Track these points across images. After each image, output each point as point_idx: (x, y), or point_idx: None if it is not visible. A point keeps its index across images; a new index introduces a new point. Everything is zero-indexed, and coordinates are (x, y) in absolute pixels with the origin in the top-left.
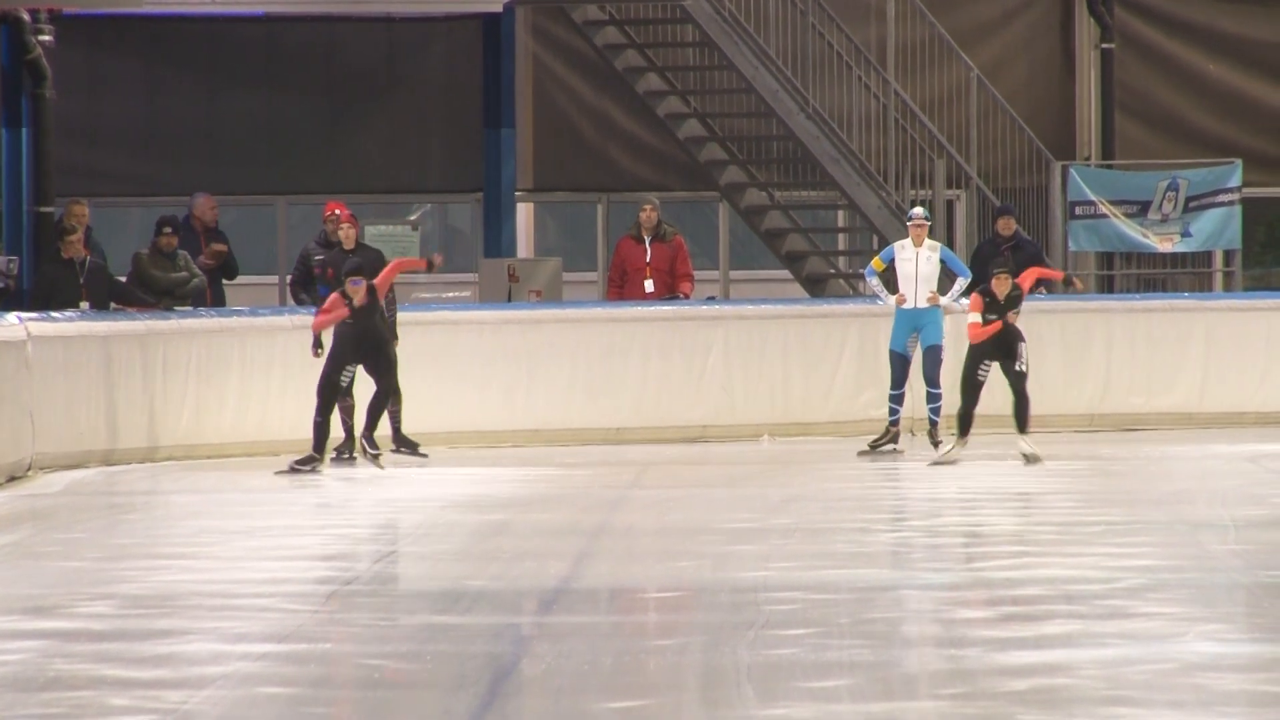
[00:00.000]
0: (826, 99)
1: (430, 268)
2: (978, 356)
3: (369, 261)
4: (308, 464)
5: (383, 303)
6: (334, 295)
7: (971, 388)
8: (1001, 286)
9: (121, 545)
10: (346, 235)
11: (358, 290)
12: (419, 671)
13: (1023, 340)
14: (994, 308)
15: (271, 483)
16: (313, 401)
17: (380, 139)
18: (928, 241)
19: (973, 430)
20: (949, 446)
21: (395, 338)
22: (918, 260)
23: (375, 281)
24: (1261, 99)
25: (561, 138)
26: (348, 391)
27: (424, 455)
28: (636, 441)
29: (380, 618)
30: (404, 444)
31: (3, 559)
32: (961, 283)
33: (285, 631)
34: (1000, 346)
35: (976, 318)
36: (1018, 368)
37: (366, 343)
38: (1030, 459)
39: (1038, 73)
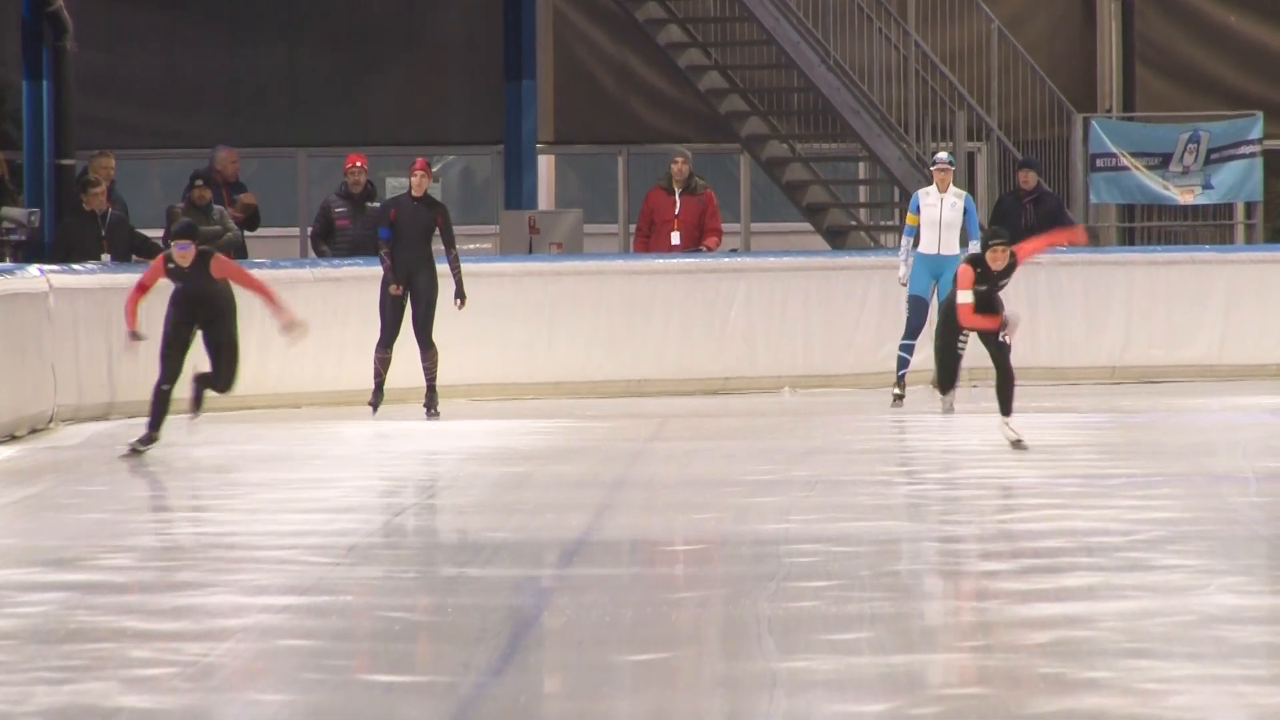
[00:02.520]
0: (847, 50)
1: (288, 328)
2: (957, 328)
3: (432, 214)
4: (147, 442)
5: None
6: (137, 284)
7: (949, 359)
8: (997, 260)
9: (143, 498)
10: (419, 183)
11: (185, 253)
12: (440, 624)
13: (1004, 309)
14: (985, 279)
15: (293, 435)
16: (329, 355)
17: (401, 91)
18: (952, 189)
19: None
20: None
21: (463, 298)
22: (942, 206)
23: (236, 273)
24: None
25: (582, 90)
26: (387, 344)
27: (437, 412)
28: (657, 394)
29: (401, 570)
30: (428, 408)
31: (24, 511)
32: (974, 244)
33: (306, 584)
34: (991, 303)
35: (968, 296)
36: (1001, 338)
37: (194, 306)
38: (1016, 445)
39: (1058, 25)
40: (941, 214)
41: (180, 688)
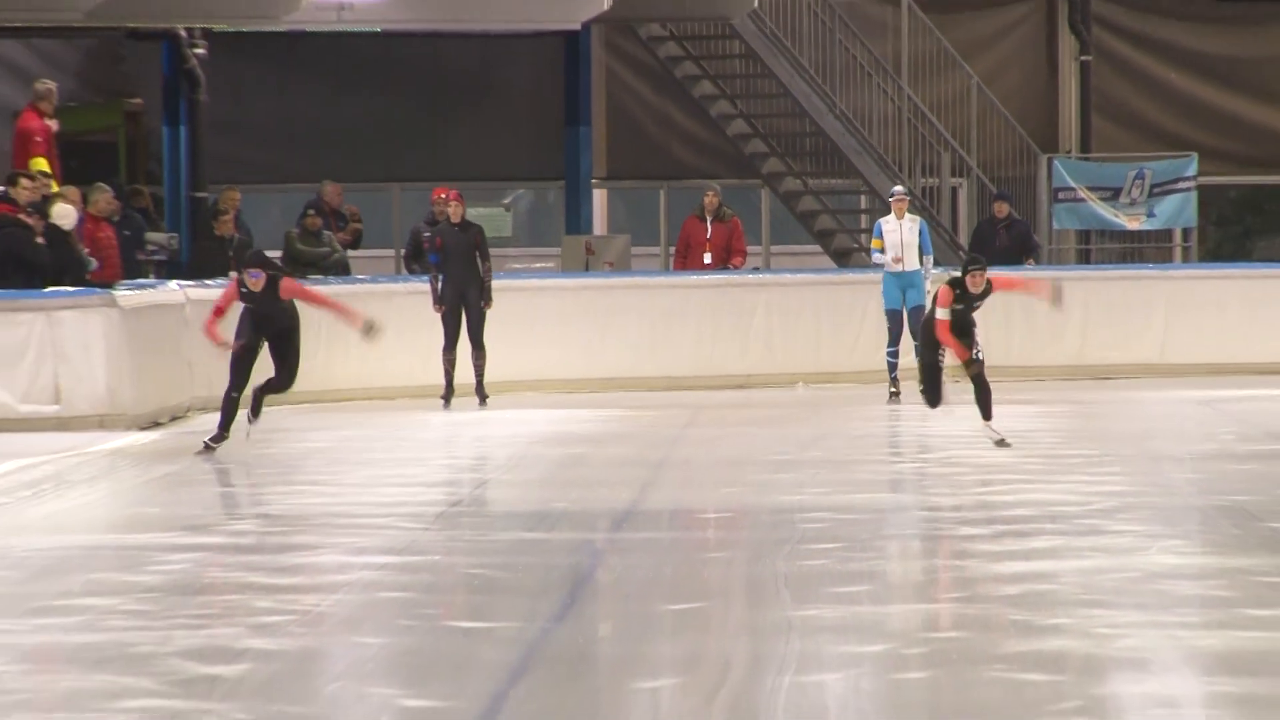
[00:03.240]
0: (851, 101)
1: (365, 331)
2: (936, 345)
3: (470, 235)
4: (218, 440)
5: (300, 305)
6: (215, 307)
7: (933, 375)
8: (976, 284)
9: (263, 474)
10: (455, 211)
11: (256, 280)
12: (511, 579)
13: (976, 326)
14: (964, 299)
15: (388, 421)
16: (417, 356)
17: (477, 134)
18: (908, 215)
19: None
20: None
21: (489, 302)
22: (901, 230)
23: (302, 293)
24: (1214, 102)
25: (629, 134)
26: (450, 348)
27: (485, 400)
28: (692, 389)
29: (479, 534)
30: (480, 397)
31: (165, 485)
32: (928, 259)
33: (400, 546)
34: (957, 334)
35: (945, 314)
36: (974, 355)
37: (268, 326)
38: (1000, 444)
39: (1027, 80)
40: (901, 236)
41: (296, 633)
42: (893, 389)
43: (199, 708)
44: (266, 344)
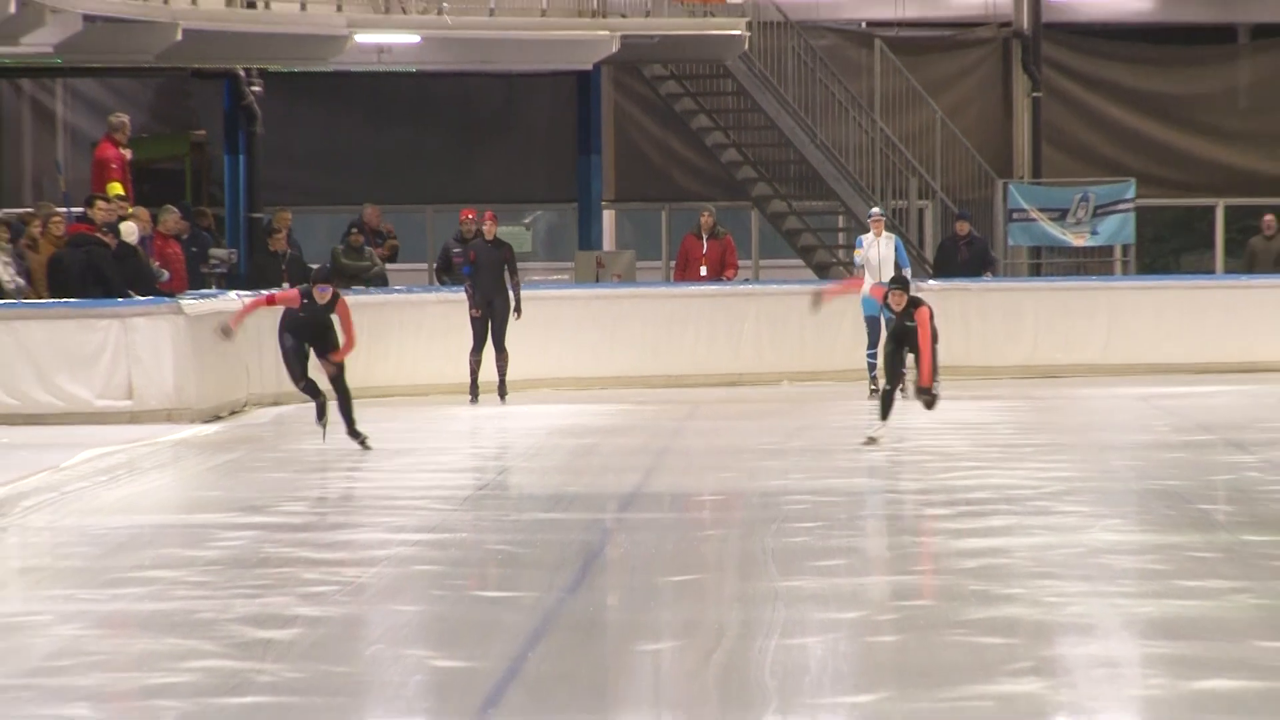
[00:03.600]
0: (830, 133)
1: (339, 360)
2: (901, 343)
3: (501, 252)
4: (320, 418)
5: (336, 318)
6: (266, 297)
7: (896, 365)
8: (895, 301)
9: (312, 461)
10: (489, 229)
11: (324, 294)
12: (530, 554)
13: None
14: (888, 305)
15: (422, 415)
16: (447, 358)
17: (500, 162)
18: (885, 233)
19: (941, 378)
20: (878, 430)
21: (520, 313)
22: (879, 246)
23: (346, 313)
24: (1150, 134)
25: (635, 162)
26: (477, 350)
27: (505, 397)
28: (690, 386)
29: (502, 514)
30: (501, 394)
31: (225, 471)
32: (905, 272)
33: (433, 524)
34: (905, 340)
35: (877, 296)
36: (917, 388)
37: (312, 330)
38: (869, 441)
39: (985, 114)
40: (879, 252)
41: (340, 601)
42: (872, 386)
43: (255, 668)
44: (312, 349)
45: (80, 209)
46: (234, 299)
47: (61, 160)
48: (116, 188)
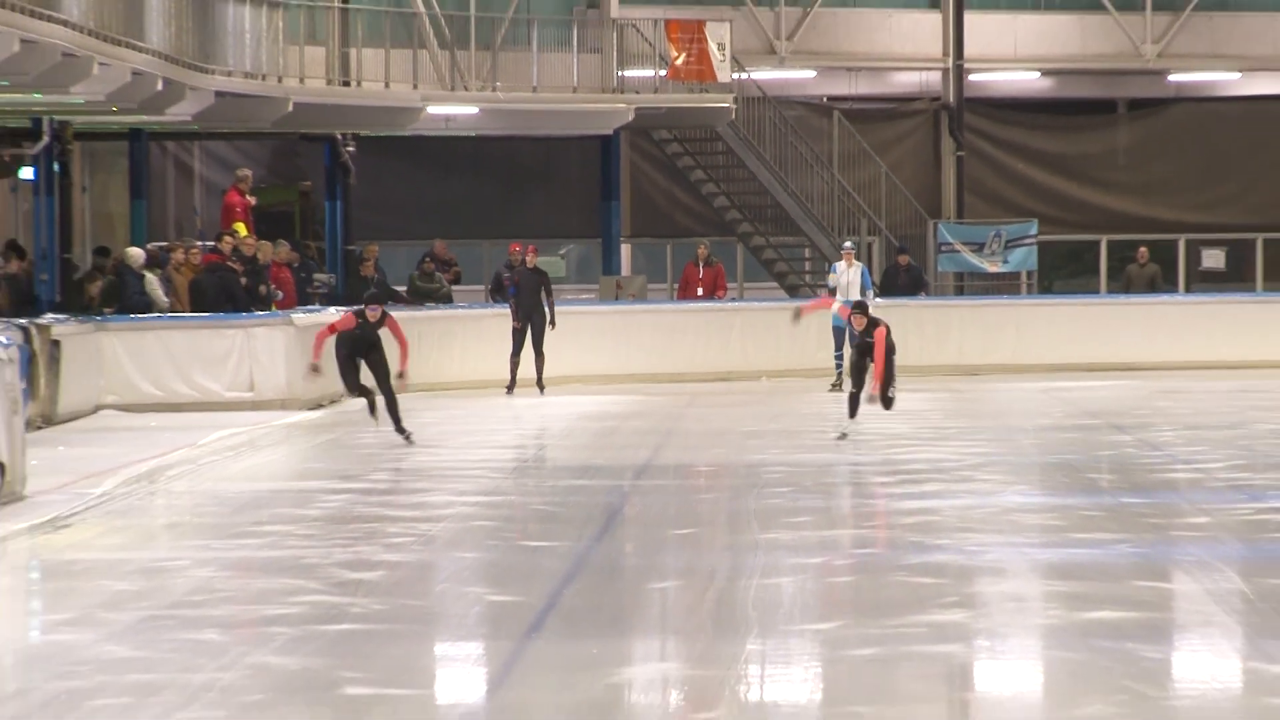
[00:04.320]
0: (798, 184)
1: (399, 376)
2: (865, 356)
3: (539, 277)
4: (372, 413)
5: (392, 332)
6: (328, 327)
7: (859, 374)
8: (856, 322)
9: (393, 436)
10: (530, 259)
11: (375, 313)
12: (564, 513)
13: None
14: (851, 326)
15: (479, 404)
16: (500, 360)
17: (540, 206)
18: (855, 262)
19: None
20: (847, 425)
21: (554, 325)
22: (848, 273)
23: (396, 328)
24: (1048, 184)
25: (646, 206)
26: (516, 353)
27: (544, 390)
28: (689, 381)
29: (541, 481)
30: (540, 388)
31: (326, 448)
32: (870, 293)
33: (487, 489)
34: (865, 353)
35: (842, 314)
36: (873, 391)
37: (364, 344)
38: (842, 437)
39: (920, 169)
40: (848, 278)
41: (415, 549)
42: (834, 381)
43: (349, 601)
44: (362, 360)
45: (212, 243)
46: (333, 314)
47: (198, 205)
48: (241, 227)
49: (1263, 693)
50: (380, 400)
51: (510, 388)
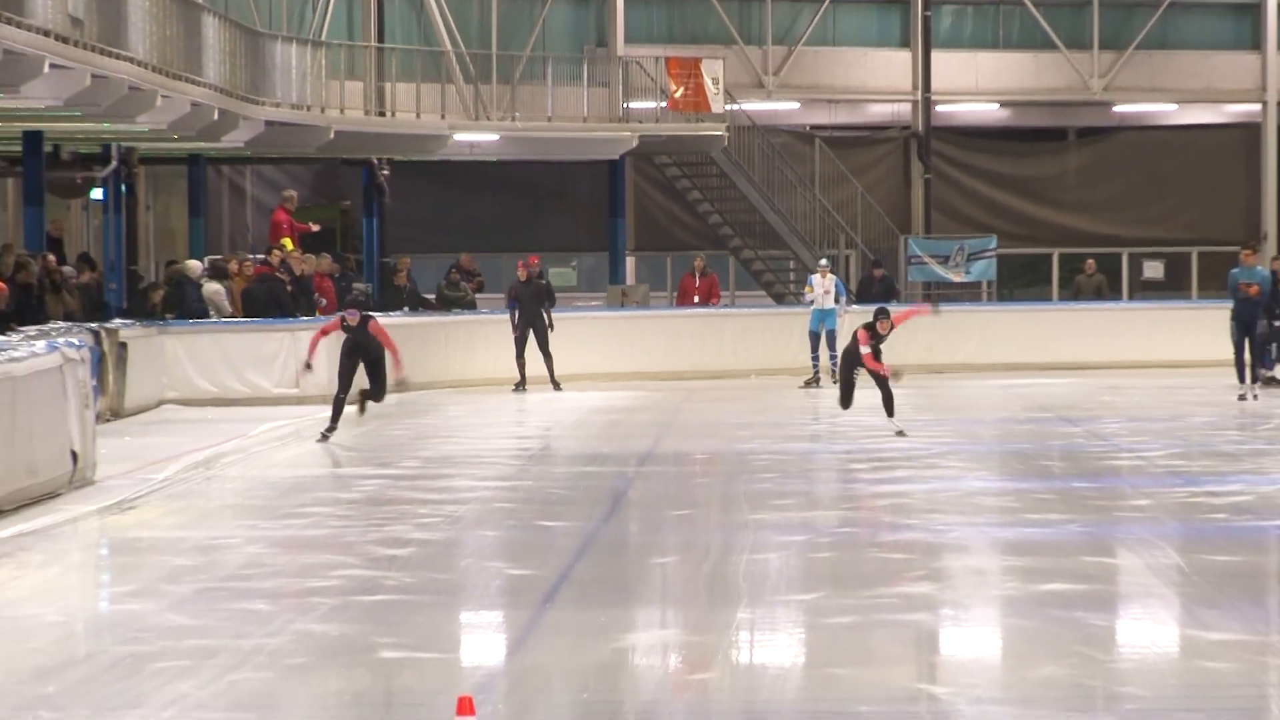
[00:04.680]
0: (784, 203)
1: (399, 378)
2: (849, 365)
3: (535, 288)
4: (329, 432)
5: (381, 340)
6: (320, 330)
7: (848, 388)
8: (885, 329)
9: (423, 427)
10: (521, 273)
11: (353, 317)
12: (575, 495)
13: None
14: (875, 338)
15: (499, 399)
16: (506, 362)
17: (554, 222)
18: (829, 275)
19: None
20: (900, 428)
21: (552, 327)
22: (824, 285)
23: (381, 332)
24: (1006, 203)
25: (648, 223)
26: (519, 356)
27: (559, 387)
28: (687, 379)
29: (554, 467)
30: (554, 385)
31: (362, 437)
32: (843, 301)
33: (506, 475)
34: (856, 363)
35: (869, 349)
36: (891, 381)
37: (359, 350)
38: (900, 434)
39: (893, 190)
40: (824, 288)
41: (441, 528)
42: (809, 378)
43: (383, 574)
44: (362, 365)
45: (262, 256)
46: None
47: (249, 222)
48: (287, 242)
49: (1198, 656)
50: (370, 404)
51: (520, 385)
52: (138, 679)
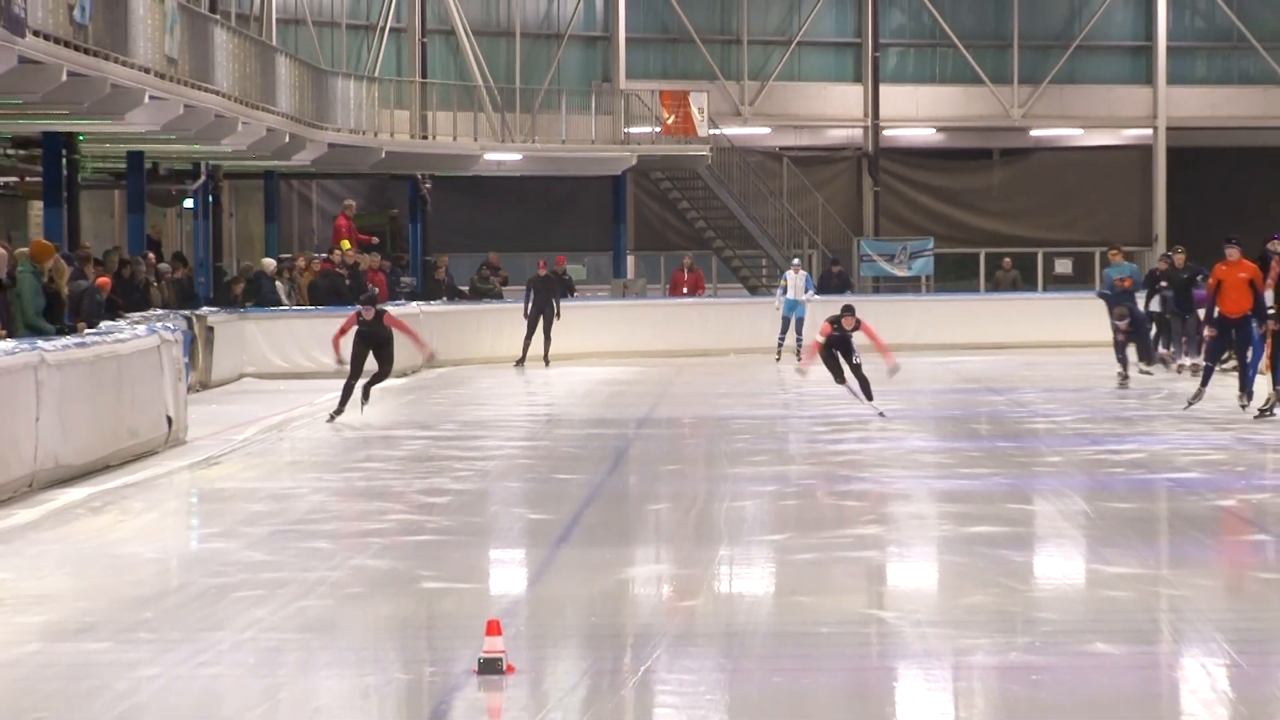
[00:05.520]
0: (757, 211)
1: (428, 357)
2: (830, 353)
3: (549, 282)
4: (336, 415)
5: (394, 330)
6: (340, 328)
7: (833, 367)
8: (848, 324)
9: (458, 397)
10: (542, 268)
11: (369, 312)
12: (583, 452)
13: (854, 346)
14: (839, 330)
15: (513, 374)
16: (537, 341)
17: (568, 226)
18: (800, 271)
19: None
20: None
21: (559, 316)
22: (795, 279)
23: (397, 323)
24: (942, 210)
25: (646, 228)
26: (528, 338)
27: (549, 364)
28: (677, 357)
29: (565, 430)
30: (545, 362)
31: (409, 405)
32: (810, 293)
33: (526, 437)
34: (842, 347)
35: (821, 339)
36: (854, 360)
37: (371, 340)
38: (880, 415)
39: (847, 201)
40: (795, 284)
41: (471, 479)
42: (776, 356)
43: (425, 519)
44: (371, 352)
45: (325, 254)
46: (414, 308)
47: (315, 227)
48: (346, 244)
49: (1101, 587)
50: (371, 391)
51: (520, 362)
52: (221, 606)
